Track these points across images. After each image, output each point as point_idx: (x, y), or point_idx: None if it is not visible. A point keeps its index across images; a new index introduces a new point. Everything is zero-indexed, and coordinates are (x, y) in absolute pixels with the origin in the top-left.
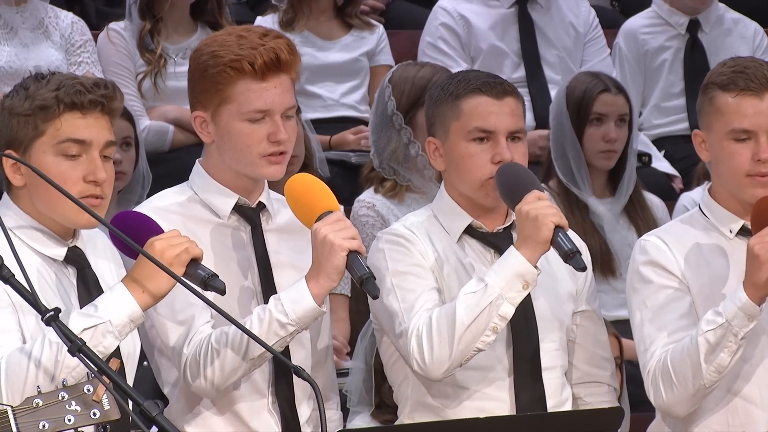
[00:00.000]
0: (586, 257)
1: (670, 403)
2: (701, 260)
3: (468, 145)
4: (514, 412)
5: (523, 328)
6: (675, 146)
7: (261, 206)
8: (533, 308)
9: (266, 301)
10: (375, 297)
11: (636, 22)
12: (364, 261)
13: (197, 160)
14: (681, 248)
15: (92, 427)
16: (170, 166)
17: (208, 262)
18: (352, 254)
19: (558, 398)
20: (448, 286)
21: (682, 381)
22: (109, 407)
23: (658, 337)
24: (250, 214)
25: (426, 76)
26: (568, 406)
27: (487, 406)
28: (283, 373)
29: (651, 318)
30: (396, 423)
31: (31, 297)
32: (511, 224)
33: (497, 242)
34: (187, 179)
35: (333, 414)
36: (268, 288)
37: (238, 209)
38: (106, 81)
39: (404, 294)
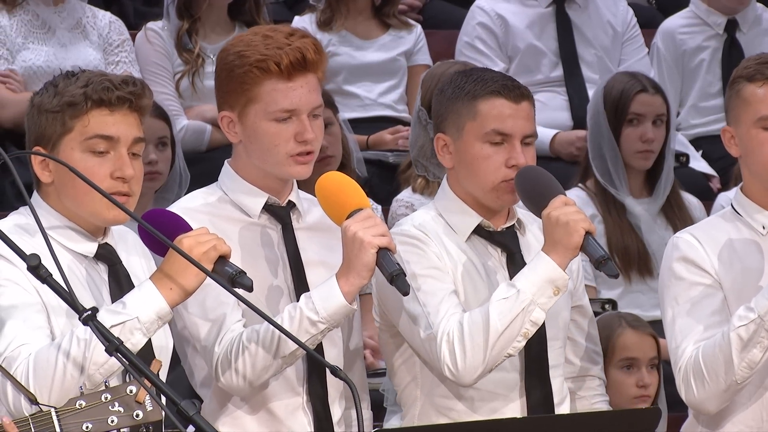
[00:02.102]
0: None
1: (701, 399)
2: (733, 256)
3: (483, 146)
4: (524, 412)
5: None
6: (713, 146)
7: (291, 205)
8: None
9: (298, 300)
10: (405, 293)
11: (674, 21)
12: (394, 258)
13: (226, 161)
14: (713, 244)
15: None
16: (208, 165)
17: (240, 261)
18: (382, 251)
19: (561, 395)
20: (462, 287)
21: (713, 377)
22: (151, 408)
23: (690, 333)
24: (281, 213)
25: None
26: (567, 402)
27: (498, 406)
28: (316, 371)
29: (683, 314)
30: (404, 425)
31: (68, 297)
32: (513, 224)
33: (504, 241)
34: None
35: (364, 412)
36: (300, 286)
37: (268, 208)
38: (134, 78)
39: (425, 297)
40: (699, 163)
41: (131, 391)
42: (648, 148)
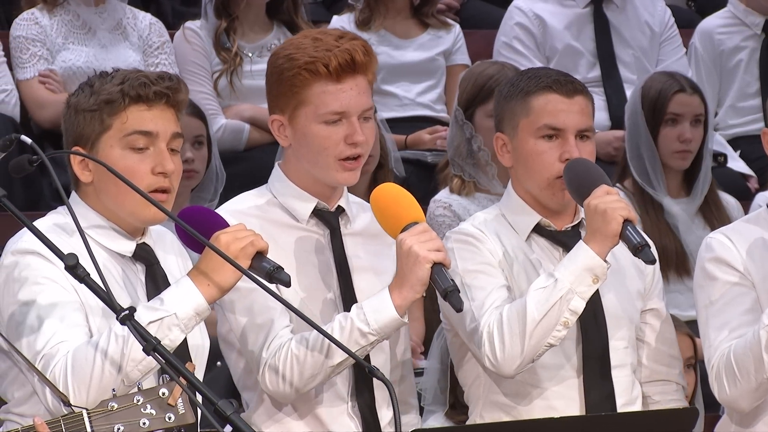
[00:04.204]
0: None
1: (733, 397)
2: (765, 255)
3: (537, 142)
4: (583, 411)
5: (592, 326)
6: (750, 146)
7: (340, 210)
8: (602, 306)
9: (345, 305)
10: (459, 310)
11: (712, 22)
12: (448, 273)
13: (276, 163)
14: (745, 244)
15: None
16: (246, 165)
17: (287, 267)
18: (437, 266)
19: (628, 396)
20: (517, 285)
21: (744, 375)
22: (184, 411)
23: (722, 332)
24: (329, 218)
25: (489, 74)
26: (638, 405)
27: (558, 405)
28: (363, 376)
29: (715, 314)
30: (467, 423)
31: (106, 296)
32: (579, 222)
33: (566, 240)
34: (263, 178)
35: (412, 418)
36: (347, 292)
37: (316, 213)
38: (170, 74)
39: (474, 292)
40: (737, 163)
41: (164, 394)
42: (686, 148)
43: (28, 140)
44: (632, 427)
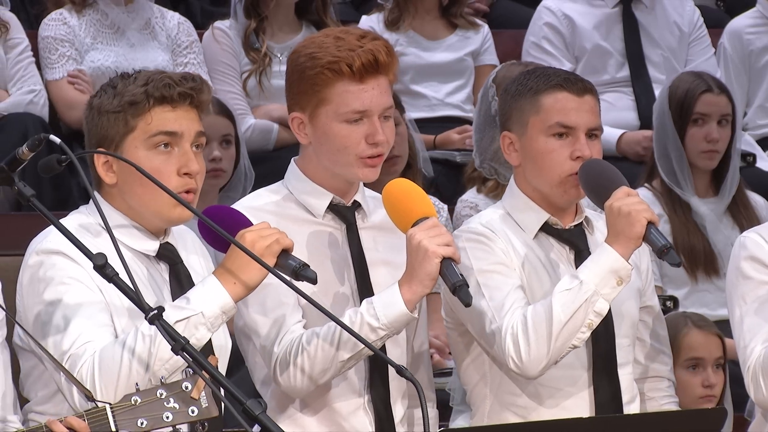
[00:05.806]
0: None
1: None
2: None
3: (547, 140)
4: (592, 410)
5: (601, 325)
6: None
7: (356, 205)
8: (610, 306)
9: (362, 300)
10: (467, 305)
11: (740, 22)
12: (458, 268)
13: (293, 159)
14: None
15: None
16: (275, 164)
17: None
18: (446, 261)
19: (631, 393)
20: (528, 284)
21: None
22: (207, 404)
23: (758, 332)
24: (345, 213)
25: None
26: (637, 402)
27: (567, 404)
28: (378, 371)
29: (750, 314)
30: (473, 423)
31: (135, 296)
32: (581, 221)
33: (572, 238)
34: None
35: (429, 412)
36: (364, 286)
37: (332, 208)
38: (193, 74)
39: (491, 292)
40: (766, 163)
41: (186, 388)
42: (713, 147)
43: (57, 140)
44: (660, 427)
